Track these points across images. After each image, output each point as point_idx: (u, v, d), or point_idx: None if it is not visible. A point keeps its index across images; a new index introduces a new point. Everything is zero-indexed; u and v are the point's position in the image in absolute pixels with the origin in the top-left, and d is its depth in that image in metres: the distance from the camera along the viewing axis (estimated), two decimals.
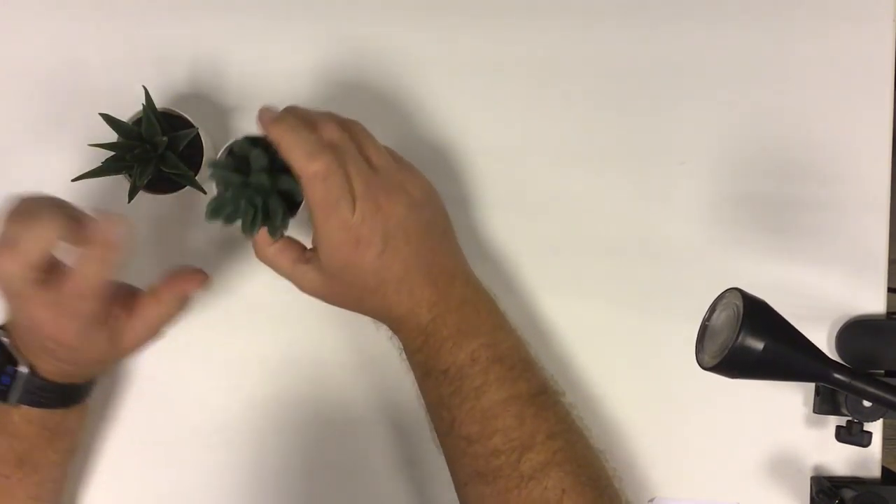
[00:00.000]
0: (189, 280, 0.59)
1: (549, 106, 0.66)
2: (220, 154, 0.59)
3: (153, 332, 0.58)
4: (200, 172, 0.61)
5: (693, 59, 0.66)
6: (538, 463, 0.53)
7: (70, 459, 0.62)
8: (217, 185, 0.56)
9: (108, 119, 0.56)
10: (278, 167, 0.54)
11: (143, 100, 0.58)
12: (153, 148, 0.58)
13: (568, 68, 0.66)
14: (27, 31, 0.67)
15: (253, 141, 0.55)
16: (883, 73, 0.65)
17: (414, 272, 0.56)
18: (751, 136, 0.65)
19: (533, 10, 0.66)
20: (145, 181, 0.58)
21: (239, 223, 0.54)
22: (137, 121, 0.59)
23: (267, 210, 0.54)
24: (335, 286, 0.57)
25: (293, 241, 0.58)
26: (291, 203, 0.56)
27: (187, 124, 0.60)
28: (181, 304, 0.59)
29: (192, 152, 0.60)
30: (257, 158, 0.54)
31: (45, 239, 0.51)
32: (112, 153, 0.58)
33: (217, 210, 0.54)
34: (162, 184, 0.60)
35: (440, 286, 0.57)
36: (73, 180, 0.56)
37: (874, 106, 0.65)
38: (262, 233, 0.56)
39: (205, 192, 0.59)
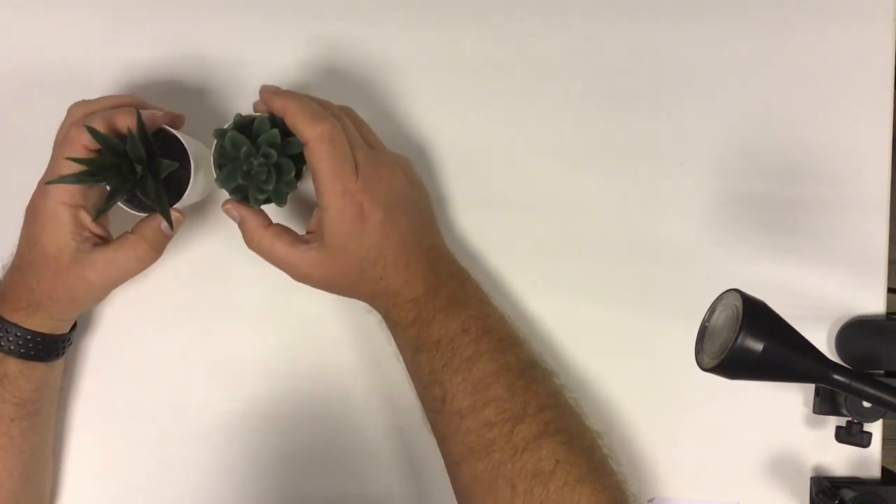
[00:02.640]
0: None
1: (548, 106, 0.66)
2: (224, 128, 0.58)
3: (126, 266, 0.58)
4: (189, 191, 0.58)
5: (693, 59, 0.66)
6: (530, 434, 0.54)
7: (25, 420, 0.59)
8: (226, 149, 0.56)
9: (93, 132, 0.54)
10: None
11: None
12: (130, 169, 0.55)
13: (567, 68, 0.66)
14: (24, 31, 0.67)
15: (248, 118, 0.58)
16: (883, 73, 0.65)
17: (410, 244, 0.58)
18: (751, 136, 0.65)
19: (531, 9, 0.66)
20: (115, 201, 0.55)
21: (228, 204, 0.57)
22: (125, 137, 0.56)
23: (279, 166, 0.56)
24: (337, 262, 0.57)
25: (287, 227, 0.59)
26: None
27: (179, 146, 0.58)
28: (156, 238, 0.59)
29: (179, 177, 0.58)
30: (262, 123, 0.56)
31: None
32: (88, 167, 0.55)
33: (233, 171, 0.56)
34: (143, 203, 0.58)
35: (431, 259, 0.59)
36: (47, 183, 0.55)
37: (874, 106, 0.65)
38: (255, 219, 0.58)
39: (171, 227, 0.57)
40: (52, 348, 0.59)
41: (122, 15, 0.67)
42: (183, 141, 0.58)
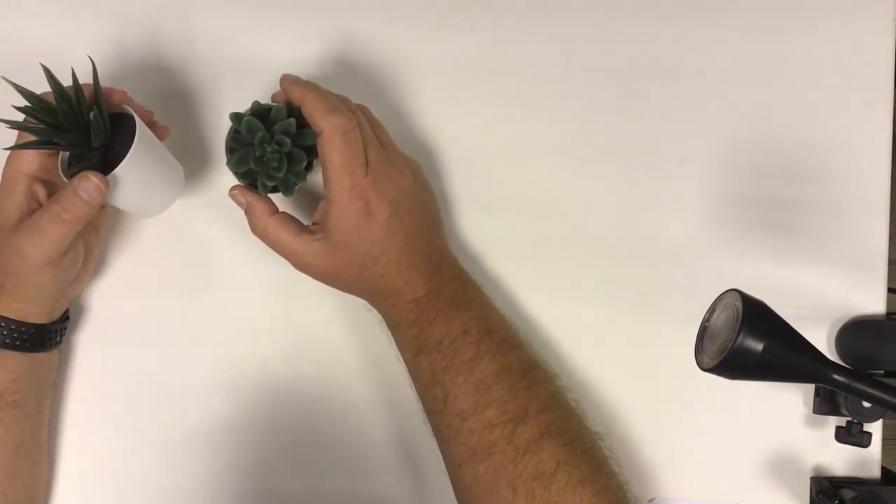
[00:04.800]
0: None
1: (549, 106, 0.66)
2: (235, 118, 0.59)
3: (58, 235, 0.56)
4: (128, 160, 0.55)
5: (693, 59, 0.66)
6: (531, 436, 0.54)
7: (4, 411, 0.58)
8: (237, 136, 0.57)
9: (45, 70, 0.52)
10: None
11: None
12: (62, 110, 0.53)
13: (568, 68, 0.66)
14: (16, 24, 0.67)
15: (265, 106, 0.59)
16: (883, 73, 0.65)
17: (414, 244, 0.58)
18: (751, 136, 0.65)
19: (532, 9, 0.66)
20: (35, 140, 0.54)
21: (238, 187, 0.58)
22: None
23: (291, 156, 0.57)
24: (338, 256, 0.57)
25: (293, 217, 0.59)
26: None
27: (131, 126, 0.55)
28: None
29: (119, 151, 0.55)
30: (279, 112, 0.58)
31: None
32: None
33: (245, 156, 0.57)
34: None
35: (434, 262, 0.59)
36: None
37: (874, 105, 0.65)
38: (262, 205, 0.59)
39: (66, 178, 0.54)
40: (30, 338, 0.58)
41: (123, 8, 0.67)
42: (138, 126, 0.55)
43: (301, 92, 0.56)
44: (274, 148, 0.57)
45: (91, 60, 0.55)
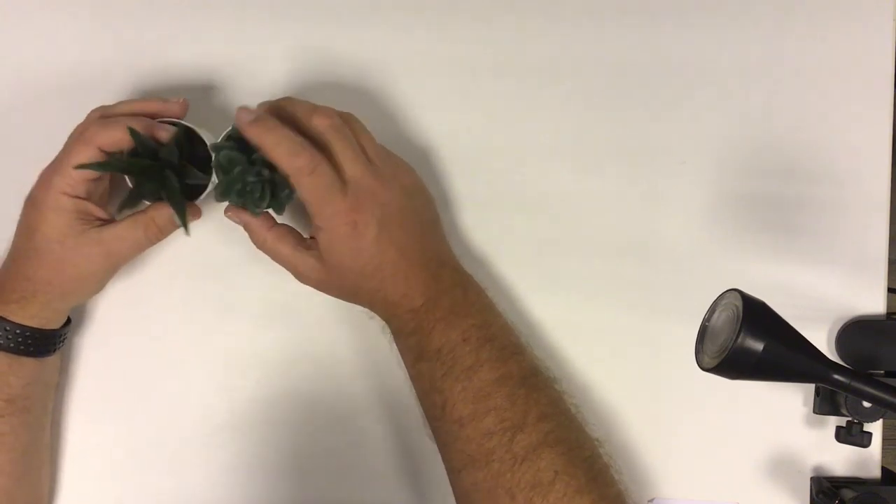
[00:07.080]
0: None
1: (549, 106, 0.66)
2: (219, 139, 0.59)
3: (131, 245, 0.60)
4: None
5: (693, 59, 0.66)
6: (530, 444, 0.54)
7: (15, 416, 0.59)
8: (221, 165, 0.57)
9: (132, 132, 0.55)
10: None
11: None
12: (161, 170, 0.56)
13: (567, 68, 0.66)
14: (25, 34, 0.67)
15: None
16: (883, 73, 0.65)
17: (409, 256, 0.57)
18: (751, 136, 0.65)
19: (532, 9, 0.66)
20: (141, 200, 0.57)
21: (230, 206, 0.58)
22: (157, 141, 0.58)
23: (274, 183, 0.57)
24: (334, 273, 0.57)
25: (291, 229, 0.59)
26: None
27: (204, 150, 0.59)
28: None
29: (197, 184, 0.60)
30: None
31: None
32: (120, 157, 0.57)
33: (228, 188, 0.57)
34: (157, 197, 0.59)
35: (432, 270, 0.58)
36: (75, 167, 0.56)
37: (874, 106, 0.65)
38: (261, 219, 0.59)
39: (188, 232, 0.57)
40: (43, 343, 0.59)
41: (118, 18, 0.67)
42: (209, 145, 0.58)
43: (257, 136, 0.55)
44: (255, 179, 0.56)
45: (179, 125, 0.57)
